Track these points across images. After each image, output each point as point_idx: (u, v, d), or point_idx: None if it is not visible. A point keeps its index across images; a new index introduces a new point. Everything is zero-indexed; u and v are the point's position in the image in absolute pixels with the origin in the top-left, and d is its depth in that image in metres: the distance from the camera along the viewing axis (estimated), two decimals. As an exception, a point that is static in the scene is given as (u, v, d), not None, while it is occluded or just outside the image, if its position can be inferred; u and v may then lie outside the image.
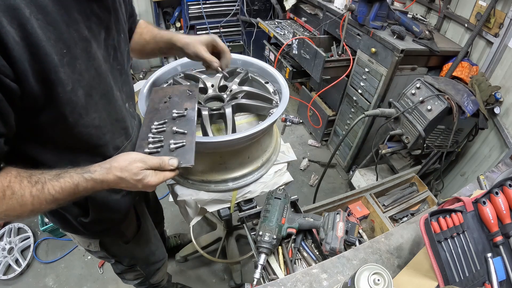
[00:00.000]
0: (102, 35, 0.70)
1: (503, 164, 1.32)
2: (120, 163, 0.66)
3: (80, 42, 0.62)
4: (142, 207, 1.18)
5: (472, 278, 0.77)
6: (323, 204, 1.48)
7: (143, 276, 1.32)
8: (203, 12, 3.50)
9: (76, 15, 0.61)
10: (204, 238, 2.03)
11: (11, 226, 2.08)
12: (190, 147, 0.76)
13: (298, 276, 0.82)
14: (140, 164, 0.67)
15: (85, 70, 0.64)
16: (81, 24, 0.63)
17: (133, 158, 0.67)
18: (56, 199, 0.63)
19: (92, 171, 0.65)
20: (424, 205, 1.65)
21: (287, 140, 2.84)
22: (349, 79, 2.41)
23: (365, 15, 2.03)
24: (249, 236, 1.08)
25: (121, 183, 0.67)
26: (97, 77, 0.68)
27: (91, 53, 0.65)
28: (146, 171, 0.68)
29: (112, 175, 0.66)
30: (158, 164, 0.69)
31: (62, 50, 0.58)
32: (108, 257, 1.14)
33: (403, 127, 1.81)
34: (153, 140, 0.77)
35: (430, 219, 0.79)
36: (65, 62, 0.59)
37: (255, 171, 1.22)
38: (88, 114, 0.68)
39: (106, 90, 0.72)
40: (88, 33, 0.65)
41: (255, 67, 1.36)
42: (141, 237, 1.15)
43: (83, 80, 0.64)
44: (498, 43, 1.83)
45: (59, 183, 0.62)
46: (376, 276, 0.60)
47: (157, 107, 0.89)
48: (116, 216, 0.98)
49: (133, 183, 0.67)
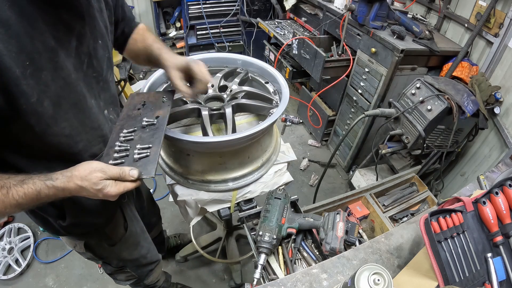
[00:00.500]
0: (73, 43, 0.69)
1: (503, 164, 1.32)
2: (81, 172, 0.66)
3: (45, 52, 0.62)
4: (130, 210, 1.16)
5: (472, 278, 0.77)
6: (323, 204, 1.48)
7: (135, 278, 1.31)
8: (203, 12, 3.50)
9: (41, 25, 0.61)
10: (204, 238, 2.03)
11: (11, 226, 2.08)
12: (154, 158, 0.75)
13: (298, 276, 0.82)
14: (100, 174, 0.67)
15: (51, 81, 0.64)
16: (47, 34, 0.62)
17: (94, 167, 0.67)
18: (20, 204, 0.63)
19: (54, 179, 0.66)
20: (424, 205, 1.65)
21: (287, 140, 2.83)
22: (349, 79, 2.41)
23: (365, 15, 2.03)
24: (249, 236, 1.08)
25: (82, 192, 0.68)
26: (65, 86, 0.68)
27: (58, 63, 0.65)
28: (106, 181, 0.67)
29: (73, 183, 0.66)
30: (118, 174, 0.69)
31: (25, 62, 0.58)
32: (95, 258, 1.13)
33: (403, 127, 1.81)
34: (119, 149, 0.76)
35: (430, 219, 0.79)
36: (28, 74, 0.59)
37: (255, 171, 1.22)
38: (57, 124, 0.68)
39: (77, 99, 0.72)
40: (55, 42, 0.64)
41: (255, 67, 1.36)
42: (128, 240, 1.13)
43: (49, 91, 0.64)
44: (498, 43, 1.83)
45: (22, 189, 0.63)
46: (376, 276, 0.60)
47: (130, 113, 0.87)
48: (98, 221, 0.97)
49: (94, 192, 0.67)
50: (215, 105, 1.19)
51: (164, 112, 0.88)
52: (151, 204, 1.56)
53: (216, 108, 1.14)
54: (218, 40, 3.82)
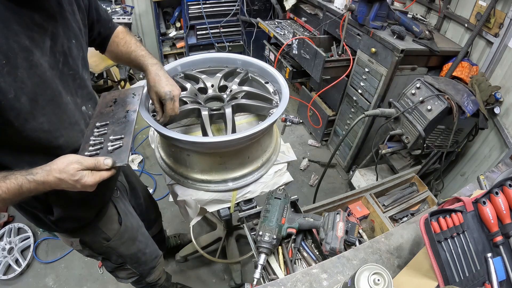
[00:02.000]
0: (47, 42, 0.73)
1: (503, 164, 1.32)
2: (59, 165, 0.70)
3: (21, 52, 0.66)
4: (124, 205, 1.18)
5: (472, 278, 0.77)
6: (323, 204, 1.48)
7: (137, 275, 1.31)
8: (203, 12, 3.50)
9: (16, 26, 0.65)
10: (204, 238, 2.03)
11: (11, 226, 2.08)
12: (126, 147, 0.81)
13: (298, 276, 0.82)
14: (77, 165, 0.71)
15: (27, 78, 0.67)
16: (22, 35, 0.66)
17: (70, 160, 0.71)
18: (3, 198, 0.67)
19: (34, 173, 0.69)
20: (424, 205, 1.65)
21: (287, 140, 2.83)
22: (349, 79, 2.41)
23: (365, 15, 2.03)
24: (249, 236, 1.08)
25: (61, 184, 0.71)
26: (41, 83, 0.71)
27: (33, 62, 0.68)
28: (83, 172, 0.71)
29: (52, 176, 0.70)
30: (93, 164, 0.73)
31: (1, 61, 0.62)
32: (94, 255, 1.15)
33: (403, 127, 1.81)
34: (93, 142, 0.81)
35: (430, 219, 0.79)
36: (5, 71, 0.63)
37: (255, 171, 1.22)
38: (34, 119, 0.71)
39: (53, 95, 0.75)
40: (30, 42, 0.68)
41: (255, 67, 1.36)
42: (124, 235, 1.15)
43: (26, 87, 0.67)
44: (498, 43, 1.83)
45: (5, 184, 0.67)
46: (376, 276, 0.60)
47: (102, 111, 0.92)
48: (87, 214, 0.99)
49: (72, 183, 0.71)
50: (215, 105, 1.19)
51: (134, 106, 0.94)
52: (149, 201, 1.57)
53: (216, 108, 1.14)
54: (218, 40, 3.82)
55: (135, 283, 1.39)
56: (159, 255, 1.40)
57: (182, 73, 1.34)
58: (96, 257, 1.18)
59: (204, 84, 1.29)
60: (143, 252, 1.27)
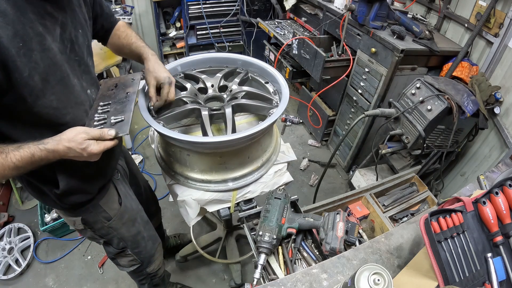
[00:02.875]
0: (57, 30, 0.82)
1: (503, 164, 1.32)
2: (68, 135, 0.79)
3: (35, 37, 0.74)
4: (124, 187, 1.22)
5: (472, 278, 0.77)
6: (323, 204, 1.48)
7: (138, 263, 1.33)
8: (203, 12, 3.50)
9: (31, 15, 0.74)
10: (204, 238, 2.03)
11: (11, 226, 2.08)
12: (127, 121, 0.91)
13: (298, 276, 0.82)
14: (84, 135, 0.80)
15: (40, 60, 0.75)
16: (36, 22, 0.75)
17: (78, 130, 0.81)
18: (17, 166, 0.75)
19: (45, 143, 0.78)
20: (424, 205, 1.65)
21: (287, 140, 2.84)
22: (349, 79, 2.41)
23: (365, 15, 2.03)
24: (249, 236, 1.08)
25: (69, 153, 0.80)
26: (52, 65, 0.79)
27: (45, 46, 0.77)
28: (89, 141, 0.80)
29: (62, 145, 0.78)
30: (98, 134, 0.82)
31: (19, 43, 0.70)
32: (96, 237, 1.18)
33: (403, 127, 1.81)
34: (98, 118, 0.91)
35: (430, 219, 0.79)
36: (22, 53, 0.71)
37: (255, 171, 1.22)
38: (45, 96, 0.79)
39: (62, 77, 0.83)
40: (43, 29, 0.77)
41: (255, 67, 1.36)
42: (124, 215, 1.18)
43: (39, 68, 0.75)
44: (498, 43, 1.83)
45: (19, 153, 0.75)
46: (376, 276, 0.60)
47: (105, 94, 1.02)
48: (90, 189, 1.05)
49: (79, 151, 0.79)
50: (215, 105, 1.19)
51: (134, 89, 1.04)
52: (149, 193, 1.61)
53: (216, 108, 1.14)
54: (218, 40, 3.82)
55: (136, 273, 1.40)
56: (158, 241, 1.43)
57: (182, 73, 1.34)
58: (98, 240, 1.20)
59: (204, 84, 1.29)
60: (143, 236, 1.30)
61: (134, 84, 1.07)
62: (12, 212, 2.25)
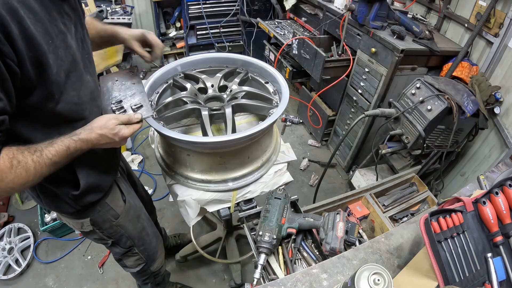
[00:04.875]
0: (72, 29, 0.85)
1: (503, 164, 1.32)
2: (99, 123, 0.84)
3: (60, 34, 0.77)
4: (125, 184, 1.24)
5: (472, 278, 0.77)
6: (323, 204, 1.48)
7: (143, 262, 1.33)
8: (203, 12, 3.50)
9: (55, 14, 0.77)
10: (204, 238, 2.03)
11: (11, 226, 2.08)
12: (146, 105, 0.98)
13: (298, 276, 0.82)
14: (114, 120, 0.85)
15: (65, 56, 0.78)
16: (59, 20, 0.78)
17: (108, 117, 0.86)
18: (54, 162, 0.77)
19: (78, 134, 0.82)
20: (424, 205, 1.65)
21: (287, 140, 2.84)
22: (349, 79, 2.41)
23: (365, 15, 2.03)
24: (249, 236, 1.08)
25: (102, 140, 0.84)
26: (73, 62, 0.82)
27: (67, 43, 0.80)
28: (120, 126, 0.86)
29: (94, 133, 0.83)
30: (127, 118, 0.89)
31: (48, 40, 0.72)
32: (104, 238, 1.17)
33: (403, 127, 1.81)
34: (115, 108, 0.96)
35: (430, 219, 0.79)
36: (51, 50, 0.73)
37: (255, 171, 1.22)
38: (67, 92, 0.81)
39: (80, 73, 0.86)
40: (64, 27, 0.80)
41: (255, 67, 1.36)
42: (129, 212, 1.19)
43: (64, 65, 0.78)
44: (498, 43, 1.83)
45: (53, 148, 0.77)
46: (376, 276, 0.60)
47: (109, 88, 1.05)
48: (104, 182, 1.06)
49: (111, 137, 0.84)
50: (215, 105, 1.19)
51: (138, 79, 1.09)
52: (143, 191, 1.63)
53: (216, 108, 1.14)
54: (218, 40, 3.82)
55: (141, 273, 1.40)
56: (159, 238, 1.45)
57: (182, 73, 1.34)
58: (106, 241, 1.19)
59: (204, 84, 1.29)
60: (147, 232, 1.31)
61: (135, 76, 1.11)
62: (12, 212, 2.25)
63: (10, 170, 0.68)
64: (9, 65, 0.64)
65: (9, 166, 0.68)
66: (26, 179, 0.72)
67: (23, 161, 0.71)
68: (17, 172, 0.70)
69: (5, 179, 0.68)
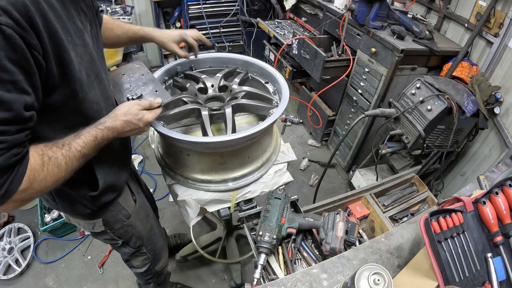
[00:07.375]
0: (88, 27, 0.85)
1: (503, 164, 1.32)
2: (122, 110, 0.85)
3: (78, 32, 0.76)
4: (134, 184, 1.24)
5: (472, 278, 0.77)
6: (323, 204, 1.48)
7: (150, 262, 1.34)
8: (203, 12, 3.50)
9: (72, 11, 0.76)
10: (204, 238, 2.03)
11: (11, 226, 2.08)
12: (162, 91, 1.00)
13: (298, 276, 0.82)
14: (137, 106, 0.86)
15: (83, 54, 0.77)
16: (76, 18, 0.78)
17: (130, 103, 0.87)
18: (83, 154, 0.75)
19: (103, 122, 0.81)
20: (424, 205, 1.65)
21: (287, 140, 2.84)
22: (349, 79, 2.41)
23: (365, 15, 2.03)
24: (249, 236, 1.08)
25: (126, 127, 0.85)
26: (91, 60, 0.81)
27: (85, 41, 0.79)
28: (143, 111, 0.87)
29: (119, 120, 0.83)
30: (149, 104, 0.90)
31: (68, 37, 0.71)
32: (115, 238, 1.16)
33: (403, 127, 1.81)
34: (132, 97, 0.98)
35: (430, 219, 0.79)
36: (71, 47, 0.71)
37: (255, 171, 1.22)
38: (89, 91, 0.80)
39: (97, 72, 0.86)
40: (81, 25, 0.79)
41: (255, 67, 1.36)
42: (140, 212, 1.19)
43: (83, 62, 0.76)
44: (498, 43, 1.83)
45: (81, 140, 0.75)
46: (376, 276, 0.60)
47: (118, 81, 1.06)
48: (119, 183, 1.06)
49: (136, 122, 0.85)
50: (215, 105, 1.19)
51: (146, 70, 1.11)
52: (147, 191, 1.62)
53: (216, 108, 1.14)
54: (218, 40, 3.82)
55: (145, 273, 1.40)
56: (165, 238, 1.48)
57: (182, 73, 1.34)
58: (116, 242, 1.19)
59: (204, 84, 1.29)
60: (155, 231, 1.31)
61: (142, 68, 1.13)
62: (12, 212, 2.25)
63: (42, 168, 0.65)
64: (37, 58, 0.62)
65: (40, 163, 0.65)
66: (58, 176, 0.69)
67: (54, 157, 0.68)
68: (49, 169, 0.67)
69: (37, 177, 0.64)
